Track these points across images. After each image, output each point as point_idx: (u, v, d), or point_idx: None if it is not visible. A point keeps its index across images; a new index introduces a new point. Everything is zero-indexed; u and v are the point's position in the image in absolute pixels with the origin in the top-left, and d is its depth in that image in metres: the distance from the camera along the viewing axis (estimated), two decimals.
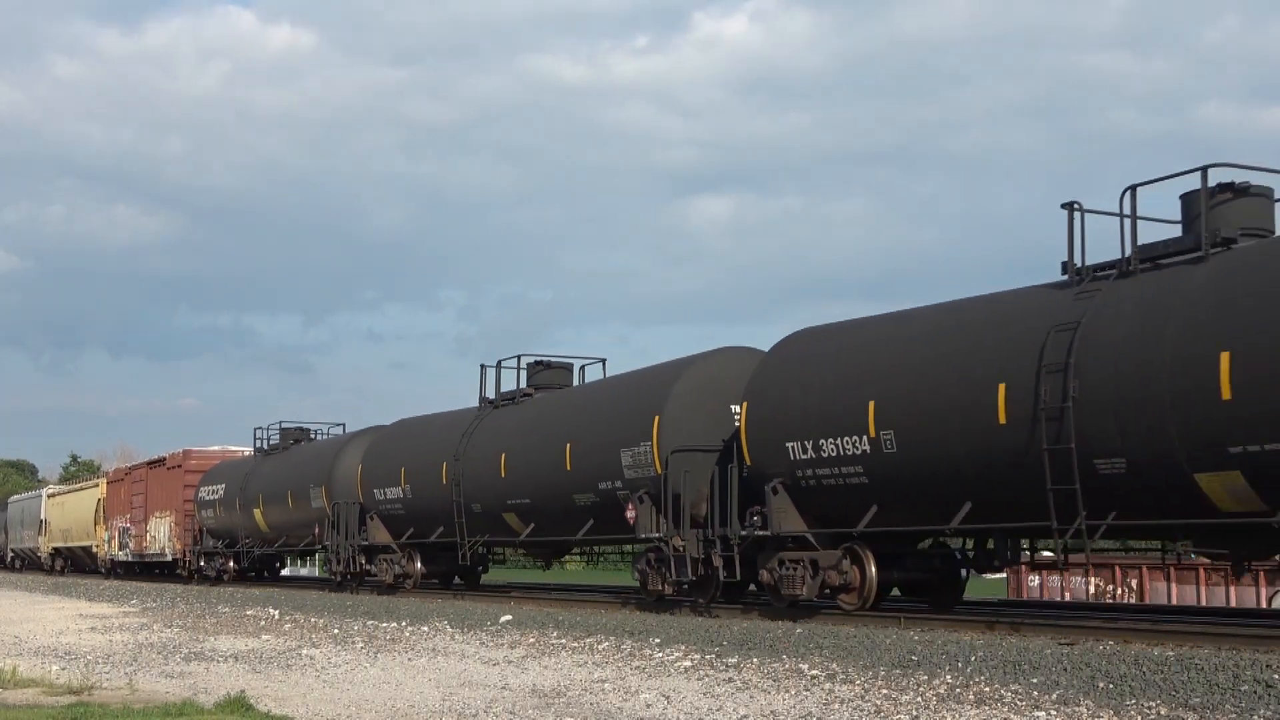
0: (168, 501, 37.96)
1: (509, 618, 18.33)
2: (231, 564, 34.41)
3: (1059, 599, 27.82)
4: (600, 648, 14.47)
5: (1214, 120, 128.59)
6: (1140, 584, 28.92)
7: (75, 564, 49.17)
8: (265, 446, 34.01)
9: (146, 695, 12.07)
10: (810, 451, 15.62)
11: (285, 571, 43.44)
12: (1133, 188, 13.25)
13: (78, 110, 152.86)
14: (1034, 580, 31.95)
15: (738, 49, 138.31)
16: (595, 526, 20.17)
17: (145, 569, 40.40)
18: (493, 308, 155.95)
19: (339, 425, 32.91)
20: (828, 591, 16.05)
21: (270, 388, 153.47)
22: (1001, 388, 13.35)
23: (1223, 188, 12.93)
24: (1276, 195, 13.27)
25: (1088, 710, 9.02)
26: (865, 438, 14.89)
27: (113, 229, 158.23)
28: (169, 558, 37.80)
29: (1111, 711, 8.94)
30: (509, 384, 23.83)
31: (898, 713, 9.49)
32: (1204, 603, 26.55)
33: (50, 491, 54.69)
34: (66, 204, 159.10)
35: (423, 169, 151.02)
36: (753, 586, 17.85)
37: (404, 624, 18.80)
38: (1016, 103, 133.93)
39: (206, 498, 35.16)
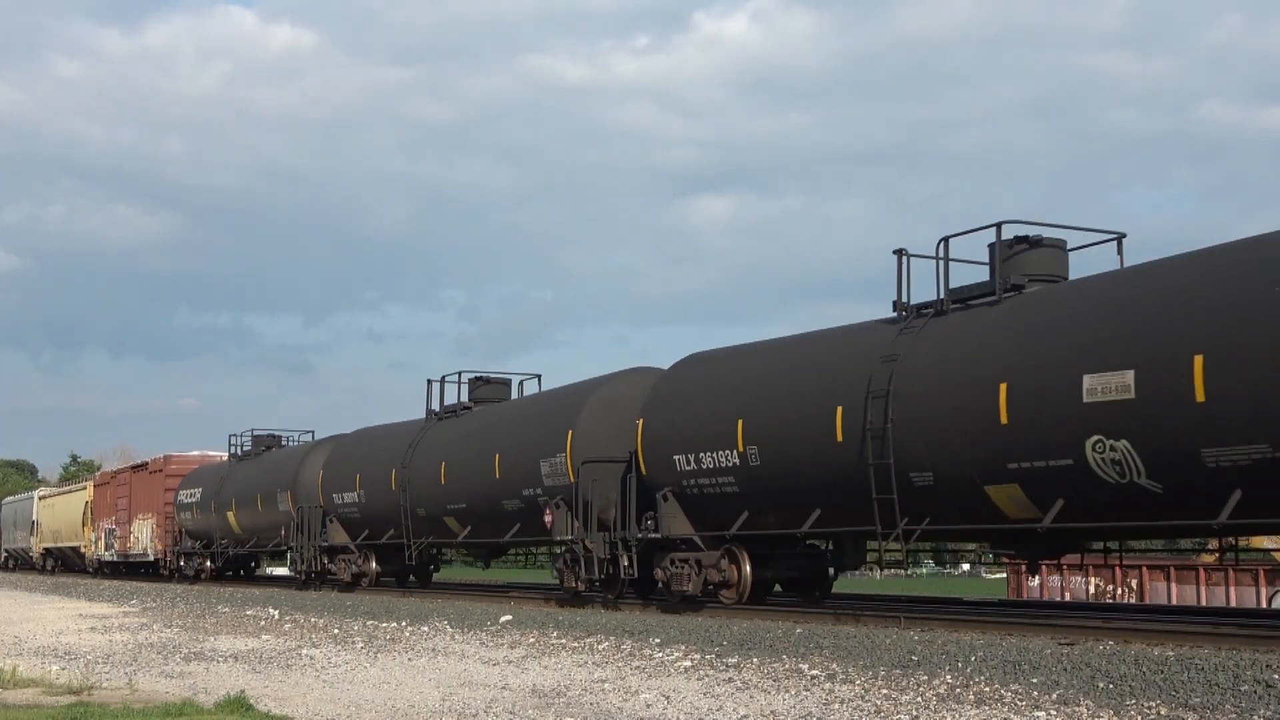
0: (150, 504, 39.78)
1: (509, 618, 18.33)
2: (208, 563, 36.26)
3: (1059, 599, 27.82)
4: (600, 648, 14.48)
5: (1215, 120, 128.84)
6: (1140, 584, 28.94)
7: (65, 564, 50.98)
8: (239, 452, 35.91)
9: (146, 695, 12.07)
10: (693, 463, 17.66)
11: (278, 572, 44.43)
12: (945, 239, 15.25)
13: (78, 110, 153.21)
14: (1034, 580, 31.97)
15: (738, 49, 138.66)
16: (522, 529, 22.22)
17: (130, 569, 42.16)
18: (493, 307, 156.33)
19: (308, 433, 34.74)
20: (711, 588, 17.81)
21: (270, 388, 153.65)
22: (839, 410, 15.39)
23: (1019, 240, 14.86)
24: (1071, 246, 15.15)
25: (1088, 710, 9.02)
26: (736, 452, 16.94)
27: (113, 229, 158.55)
28: (151, 558, 39.56)
29: (1111, 711, 8.94)
30: (454, 397, 25.95)
31: (898, 713, 9.49)
32: (1204, 603, 26.57)
33: (42, 494, 56.67)
34: (67, 204, 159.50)
35: (423, 169, 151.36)
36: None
37: (404, 624, 18.80)
38: (1017, 102, 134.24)
39: (185, 500, 36.98)
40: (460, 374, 25.77)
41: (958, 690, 10.12)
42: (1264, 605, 25.70)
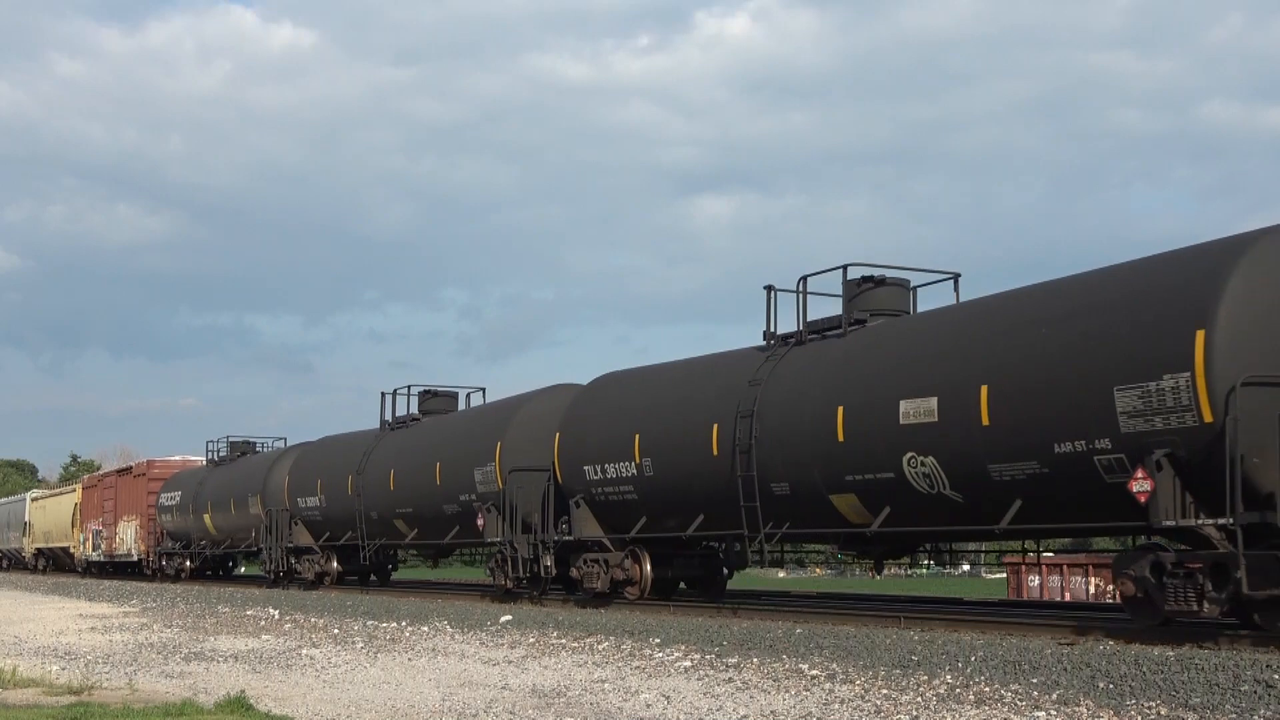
0: (134, 507, 41.67)
1: (509, 618, 18.33)
2: (188, 564, 38.22)
3: (1059, 599, 27.81)
4: (600, 648, 14.48)
5: (1217, 119, 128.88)
6: None
7: (56, 563, 52.57)
8: (215, 458, 38.08)
9: (146, 695, 12.07)
10: (600, 473, 19.62)
11: (257, 572, 44.86)
12: (804, 277, 17.27)
13: (79, 109, 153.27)
14: (1034, 580, 31.95)
15: (740, 48, 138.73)
16: (460, 532, 24.25)
17: (117, 569, 43.88)
18: (494, 307, 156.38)
19: (281, 439, 37.15)
20: (617, 585, 19.71)
21: (271, 388, 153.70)
22: (715, 427, 17.40)
23: (865, 279, 16.87)
24: (914, 284, 17.25)
25: (1088, 710, 9.02)
26: (634, 464, 18.91)
27: (114, 228, 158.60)
28: (135, 558, 41.41)
29: (1111, 711, 8.94)
30: (405, 409, 28.33)
31: (898, 713, 9.49)
32: None
33: (33, 496, 58.61)
34: (67, 203, 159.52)
35: (424, 168, 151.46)
36: None
37: (404, 624, 18.80)
38: (1019, 102, 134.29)
39: (166, 503, 38.86)
40: (410, 388, 28.11)
41: (958, 690, 10.12)
42: None
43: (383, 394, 27.94)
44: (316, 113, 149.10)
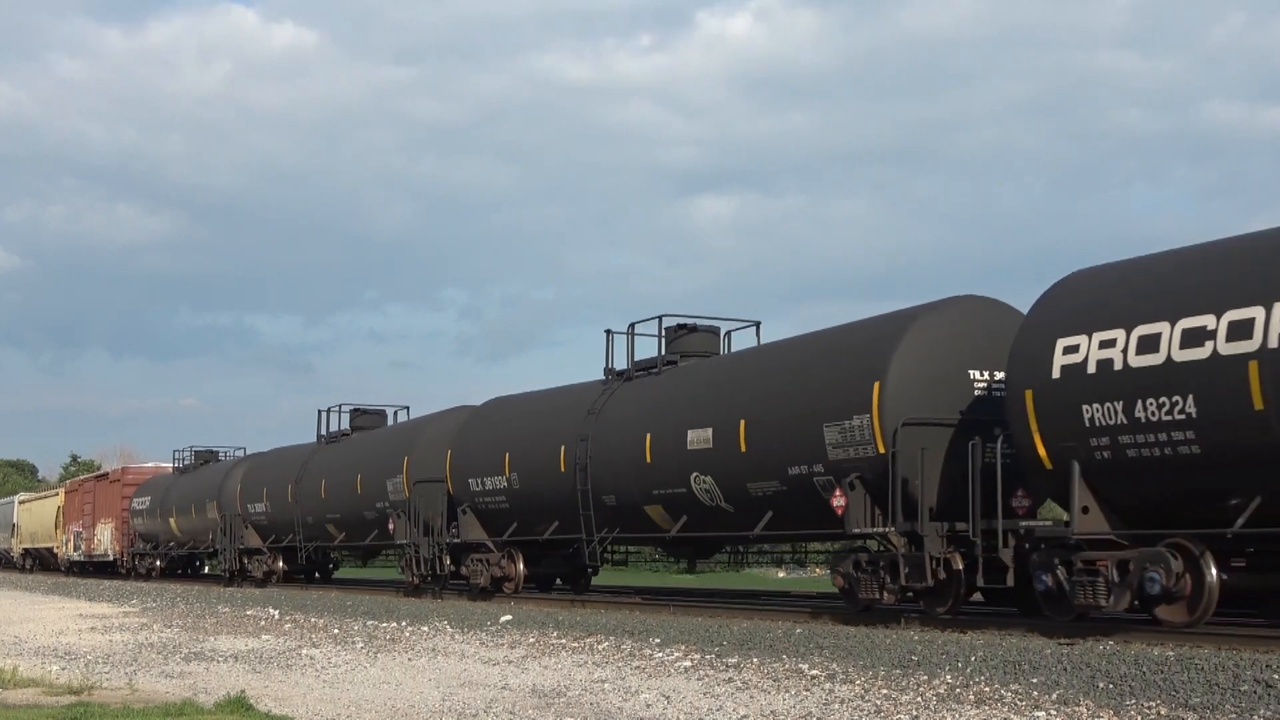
0: (110, 510, 44.69)
1: (509, 618, 18.34)
2: (158, 563, 41.13)
3: None
4: (600, 648, 14.48)
5: (1218, 119, 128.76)
6: None
7: (42, 563, 55.39)
8: (181, 465, 41.00)
9: (146, 695, 12.07)
10: (481, 485, 22.98)
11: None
12: (632, 325, 20.77)
13: (80, 109, 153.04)
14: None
15: (741, 48, 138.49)
16: (378, 535, 27.62)
17: (97, 568, 46.47)
18: (495, 307, 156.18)
19: (241, 448, 39.65)
20: (497, 581, 22.88)
21: (271, 387, 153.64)
22: (562, 448, 20.76)
23: (680, 327, 20.37)
24: (727, 330, 20.68)
25: (1088, 710, 9.02)
26: (504, 477, 22.31)
27: (114, 228, 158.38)
28: (111, 558, 44.36)
29: (1111, 711, 8.94)
30: (338, 425, 31.53)
31: (898, 713, 9.49)
32: None
33: (21, 499, 61.45)
34: (68, 203, 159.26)
35: (425, 168, 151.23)
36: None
37: (404, 624, 18.81)
38: (1021, 101, 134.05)
39: (138, 508, 41.85)
40: (341, 406, 31.43)
41: (958, 690, 10.12)
42: None
43: (319, 411, 31.38)
44: (317, 113, 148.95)
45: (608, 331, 20.88)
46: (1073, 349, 12.93)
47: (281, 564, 32.95)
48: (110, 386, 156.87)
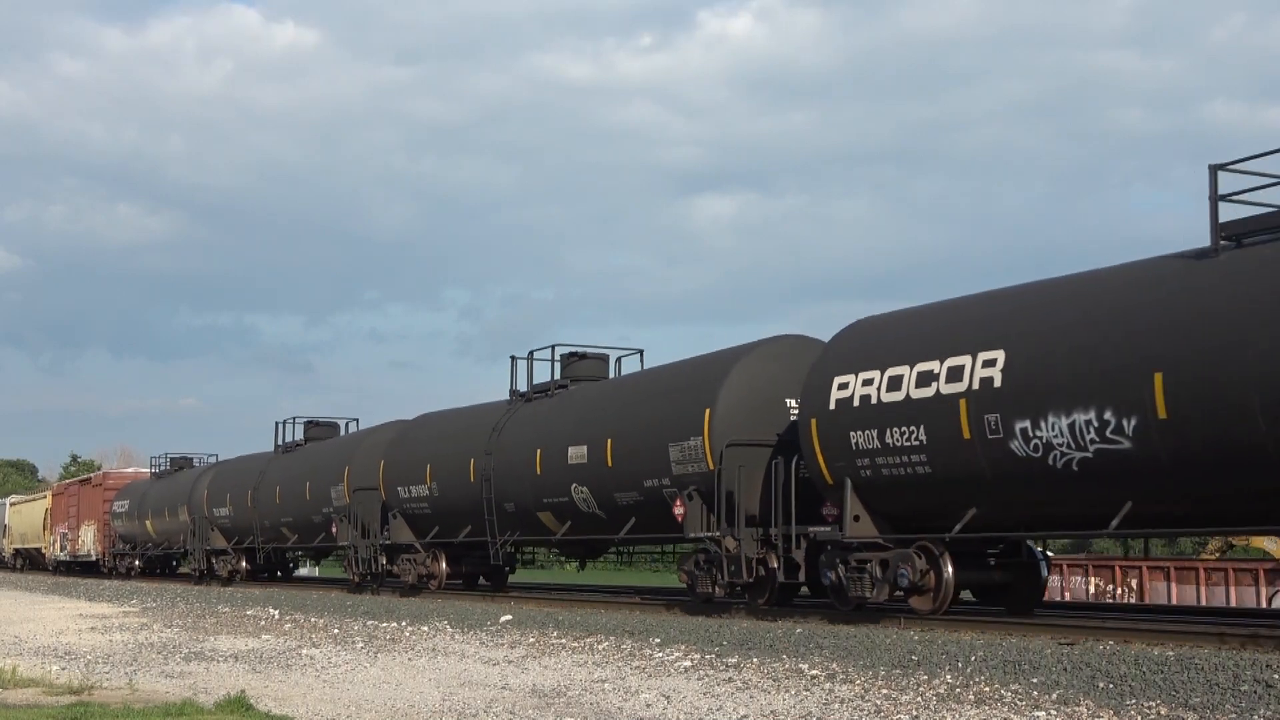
0: (93, 513, 47.29)
1: (509, 618, 18.34)
2: (136, 563, 43.40)
3: (1059, 599, 27.81)
4: (600, 648, 14.48)
5: (1220, 119, 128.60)
6: (1140, 584, 28.92)
7: (32, 562, 57.62)
8: (158, 471, 43.54)
9: (146, 695, 12.07)
10: (409, 492, 25.42)
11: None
12: (532, 351, 23.48)
13: (80, 109, 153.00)
14: None
15: (742, 47, 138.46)
16: (324, 537, 29.93)
17: (84, 568, 48.70)
18: (495, 307, 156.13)
19: (213, 455, 42.32)
20: (423, 579, 25.31)
21: (271, 387, 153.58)
22: (472, 461, 23.05)
23: (573, 355, 22.92)
24: (617, 357, 23.26)
25: (1088, 710, 9.02)
26: (427, 486, 24.72)
27: (114, 228, 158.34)
28: (93, 558, 46.91)
29: (1111, 711, 8.95)
30: (293, 435, 34.02)
31: (898, 713, 9.49)
32: (1204, 603, 26.54)
33: (12, 501, 63.83)
34: (68, 203, 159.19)
35: (425, 168, 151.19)
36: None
37: (404, 624, 18.81)
38: (1022, 101, 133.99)
39: (118, 510, 44.39)
40: (294, 419, 34.18)
41: (958, 690, 10.12)
42: (1264, 605, 25.67)
43: (276, 423, 34.22)
44: (317, 112, 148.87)
45: (513, 358, 23.52)
46: (844, 385, 15.54)
47: (244, 564, 35.33)
48: (110, 386, 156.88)
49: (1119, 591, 29.43)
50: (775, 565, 16.68)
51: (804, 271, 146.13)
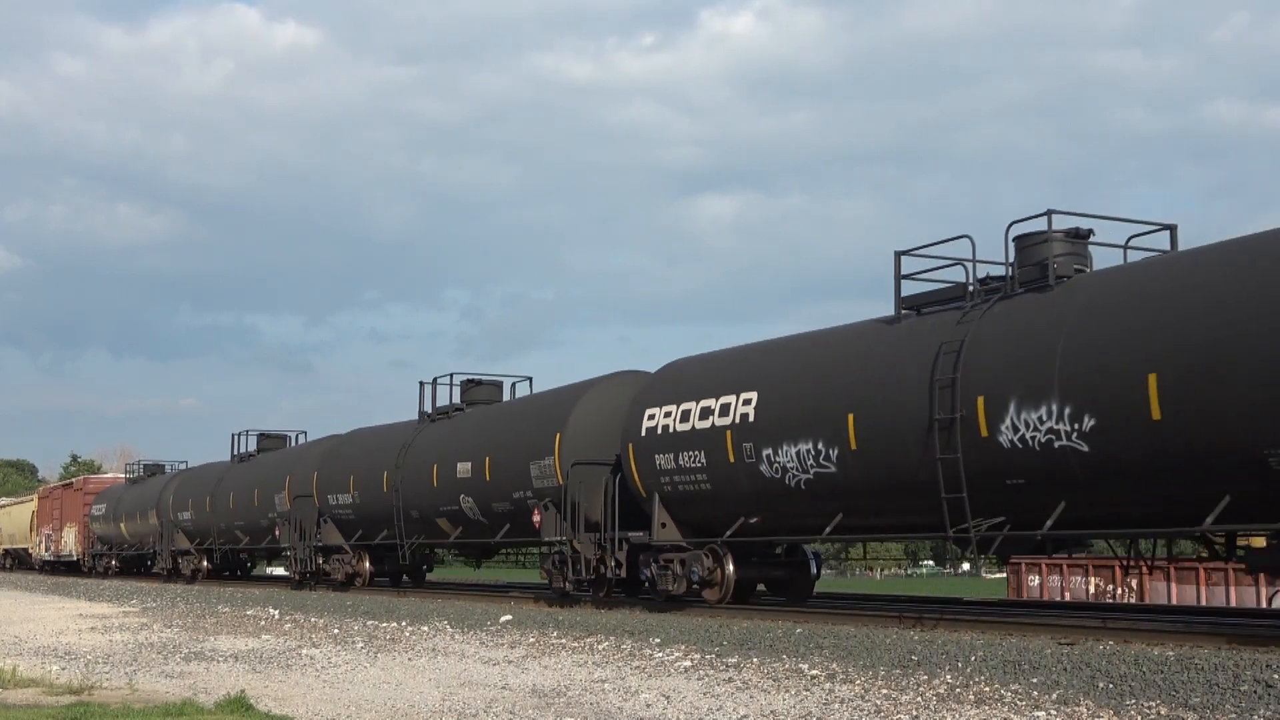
0: (74, 515, 50.73)
1: (509, 618, 18.34)
2: (114, 562, 46.28)
3: (1059, 599, 27.81)
4: (600, 648, 14.48)
5: (1220, 119, 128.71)
6: (1140, 584, 28.93)
7: (20, 562, 60.95)
8: (132, 477, 47.48)
9: (146, 695, 12.07)
10: (337, 500, 28.62)
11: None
12: (435, 379, 26.77)
13: (81, 109, 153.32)
14: (1034, 580, 31.97)
15: (744, 47, 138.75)
16: (270, 539, 33.41)
17: (68, 567, 52.01)
18: (496, 307, 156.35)
19: (183, 462, 45.68)
20: (349, 577, 28.64)
21: (271, 387, 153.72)
22: (385, 473, 26.36)
23: (470, 381, 26.39)
24: (511, 383, 26.52)
25: (1088, 710, 9.02)
26: (350, 494, 28.05)
27: (115, 228, 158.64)
28: (74, 558, 50.29)
29: (1111, 711, 8.95)
30: (246, 446, 37.61)
31: (898, 713, 9.49)
32: (1204, 603, 26.55)
33: (1, 503, 67.00)
34: (69, 203, 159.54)
35: (426, 168, 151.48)
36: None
37: (404, 624, 18.81)
38: (1022, 101, 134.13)
39: (96, 513, 47.60)
40: (247, 432, 37.52)
41: (958, 690, 10.12)
42: (1264, 605, 25.67)
43: (233, 435, 37.51)
44: (318, 112, 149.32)
45: (421, 383, 26.95)
46: (652, 416, 18.82)
47: (206, 563, 38.53)
48: (110, 386, 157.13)
49: (1119, 591, 29.47)
50: (609, 564, 19.65)
51: (804, 271, 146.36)
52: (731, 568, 17.94)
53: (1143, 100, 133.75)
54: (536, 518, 21.04)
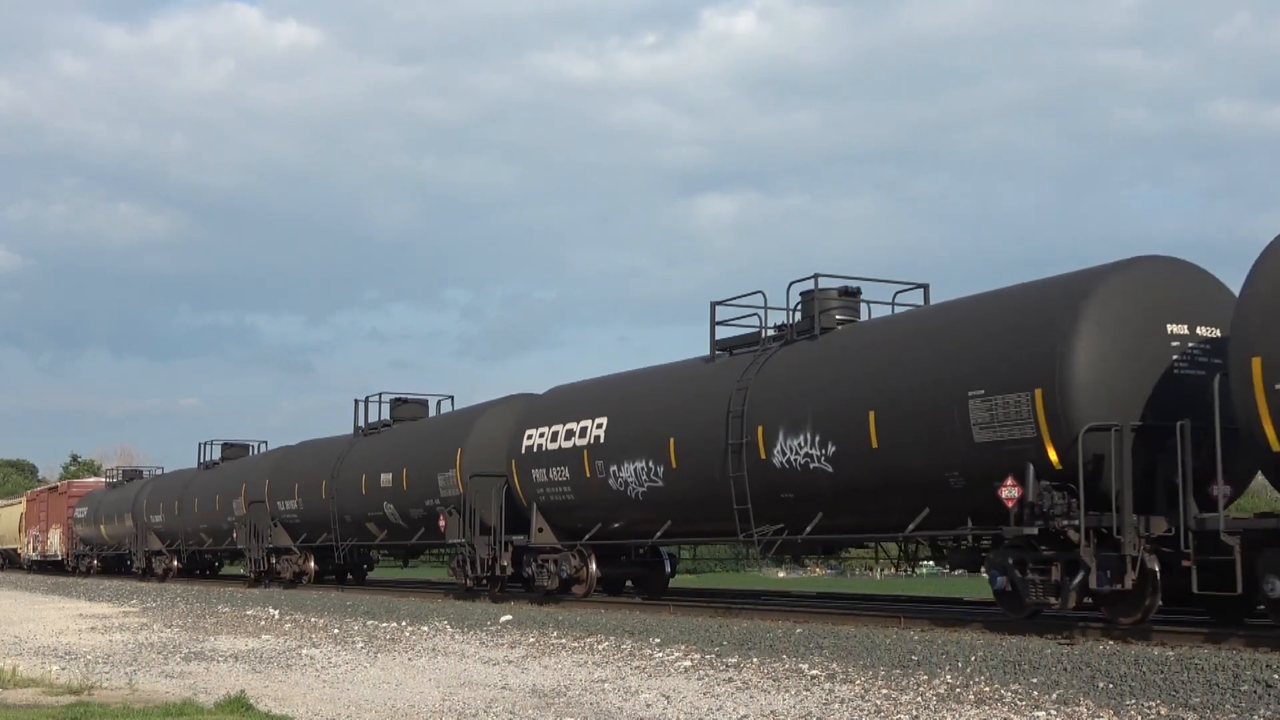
0: (58, 517, 53.67)
1: (509, 618, 18.33)
2: (95, 562, 48.97)
3: None
4: (600, 648, 14.47)
5: (1222, 118, 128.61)
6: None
7: (10, 561, 63.64)
8: (111, 481, 51.14)
9: (146, 695, 12.07)
10: (285, 505, 31.77)
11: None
12: (368, 397, 30.23)
13: (82, 108, 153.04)
14: None
15: (745, 47, 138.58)
16: (230, 540, 36.36)
17: (55, 566, 54.39)
18: (497, 307, 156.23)
19: (159, 468, 49.12)
20: (295, 575, 31.68)
21: (271, 387, 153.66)
22: (324, 482, 29.55)
23: (398, 400, 29.37)
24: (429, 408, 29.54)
25: (1088, 710, 9.02)
26: (295, 501, 31.09)
27: (116, 228, 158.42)
28: (59, 557, 53.13)
29: (1111, 711, 8.95)
30: (210, 455, 41.26)
31: (898, 713, 9.49)
32: None
33: None
34: (69, 203, 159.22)
35: (427, 168, 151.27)
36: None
37: (404, 624, 18.80)
38: (1023, 101, 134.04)
39: (78, 516, 50.46)
40: (211, 442, 41.27)
41: (958, 690, 10.12)
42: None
43: (199, 444, 41.45)
44: (319, 112, 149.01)
45: (356, 400, 30.19)
46: (530, 436, 21.81)
47: (175, 563, 41.10)
48: (110, 386, 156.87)
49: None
50: (500, 563, 22.40)
51: (805, 271, 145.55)
52: (594, 566, 20.85)
53: (1144, 100, 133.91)
54: (442, 522, 23.79)
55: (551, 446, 21.03)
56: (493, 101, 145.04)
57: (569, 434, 20.77)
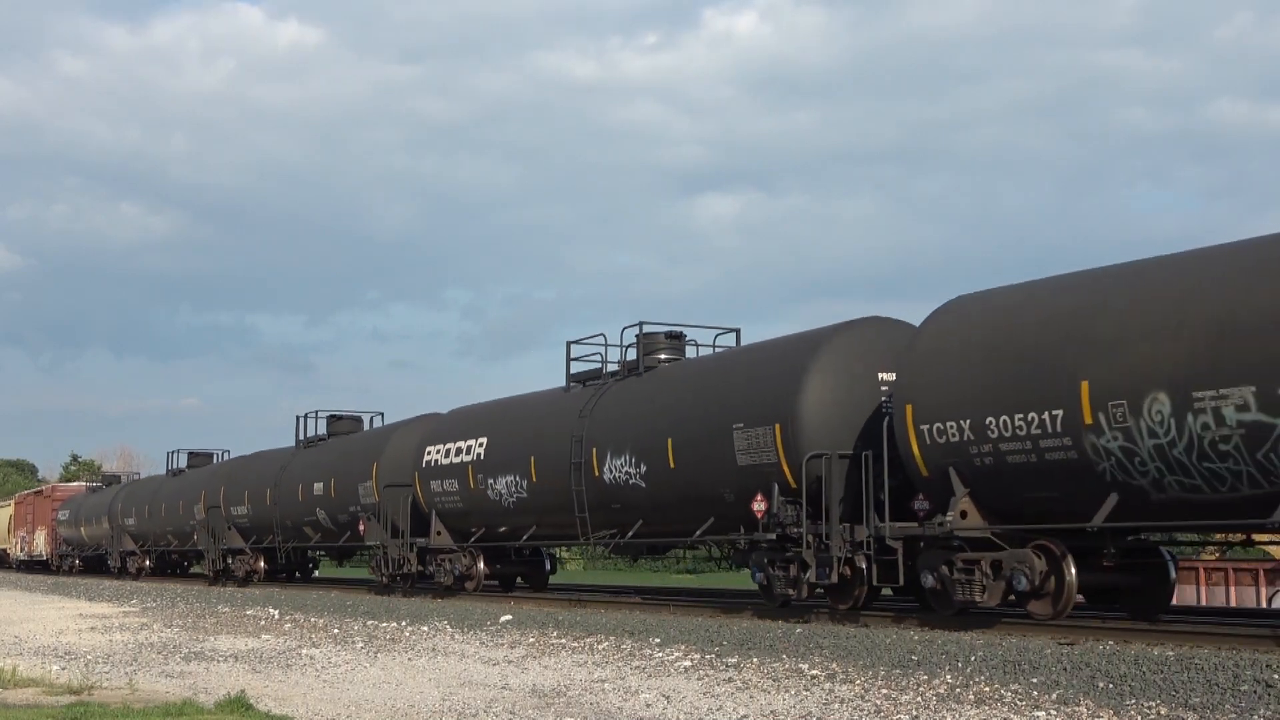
0: (44, 519, 56.22)
1: (509, 618, 18.33)
2: (77, 561, 51.79)
3: None
4: (600, 648, 14.47)
5: (1223, 118, 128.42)
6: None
7: (1, 561, 65.65)
8: (92, 486, 55.40)
9: (146, 695, 12.07)
10: (236, 510, 34.68)
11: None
12: (307, 414, 33.44)
13: (82, 108, 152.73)
14: None
15: (747, 46, 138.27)
16: (194, 542, 39.77)
17: (42, 566, 56.97)
18: (497, 307, 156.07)
19: (136, 473, 53.59)
20: (249, 574, 34.71)
21: (272, 387, 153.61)
22: (268, 489, 32.53)
23: (334, 416, 32.57)
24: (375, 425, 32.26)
25: (1088, 710, 9.02)
26: (245, 506, 34.09)
27: (116, 228, 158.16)
28: (44, 558, 55.91)
29: (1111, 711, 8.95)
30: (177, 463, 44.38)
31: (898, 713, 9.49)
32: (1204, 603, 26.51)
33: None
34: (70, 202, 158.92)
35: (428, 167, 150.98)
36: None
37: (404, 624, 18.80)
38: (1026, 100, 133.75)
39: (62, 519, 53.20)
40: (180, 450, 44.13)
41: (958, 690, 10.12)
42: (1264, 605, 25.66)
43: (168, 452, 44.98)
44: (320, 111, 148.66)
45: (297, 417, 33.83)
46: (430, 452, 25.06)
47: (148, 563, 43.63)
48: (111, 386, 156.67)
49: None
50: (410, 563, 25.35)
51: (806, 271, 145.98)
52: (482, 565, 24.13)
53: (1145, 100, 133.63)
54: (362, 527, 27.09)
55: (445, 461, 24.33)
56: (493, 101, 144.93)
57: (458, 451, 24.05)
